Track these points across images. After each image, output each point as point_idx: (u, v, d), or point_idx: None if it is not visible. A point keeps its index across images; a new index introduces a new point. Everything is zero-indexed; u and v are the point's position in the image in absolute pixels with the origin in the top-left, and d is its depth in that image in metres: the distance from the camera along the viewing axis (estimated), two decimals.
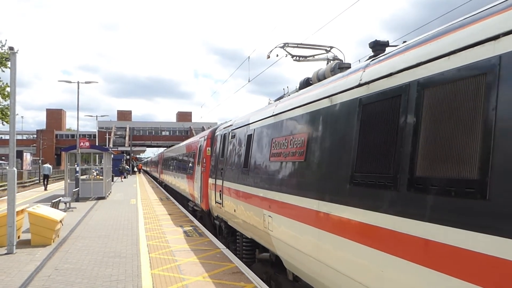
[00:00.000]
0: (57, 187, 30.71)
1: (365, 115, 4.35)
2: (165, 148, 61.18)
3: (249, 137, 8.59)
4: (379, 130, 4.09)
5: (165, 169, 31.08)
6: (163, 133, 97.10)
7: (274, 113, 7.35)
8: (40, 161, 57.62)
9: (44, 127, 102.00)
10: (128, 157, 70.90)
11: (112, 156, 32.62)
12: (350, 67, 6.14)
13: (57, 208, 13.07)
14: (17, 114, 9.68)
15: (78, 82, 25.89)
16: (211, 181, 12.12)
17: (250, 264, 8.77)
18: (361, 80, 4.57)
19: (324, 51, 8.32)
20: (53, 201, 13.87)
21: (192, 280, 6.96)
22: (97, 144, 53.23)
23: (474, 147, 2.88)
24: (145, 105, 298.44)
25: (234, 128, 10.20)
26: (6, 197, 10.21)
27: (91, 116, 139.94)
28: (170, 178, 26.07)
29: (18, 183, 10.32)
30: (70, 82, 27.13)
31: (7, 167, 9.54)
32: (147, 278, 7.06)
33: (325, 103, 5.34)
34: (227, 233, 10.88)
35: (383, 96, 4.07)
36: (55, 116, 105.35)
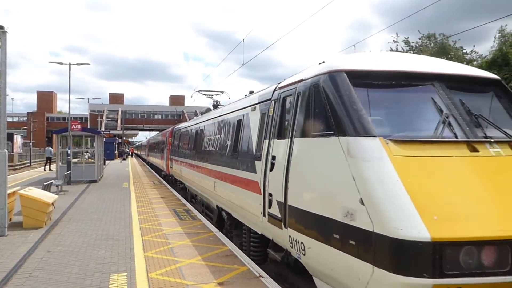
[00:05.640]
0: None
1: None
2: (157, 132, 61.05)
3: (180, 135, 18.77)
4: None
5: (150, 151, 43.35)
6: (156, 116, 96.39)
7: (185, 126, 17.56)
8: (31, 144, 57.37)
9: (33, 109, 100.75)
10: (120, 140, 70.57)
11: (104, 140, 32.45)
12: (208, 111, 15.17)
13: (49, 191, 13.02)
14: (8, 95, 9.53)
15: (69, 64, 25.45)
16: (170, 157, 21.66)
17: (179, 191, 18.41)
18: (196, 123, 14.74)
19: (220, 93, 16.94)
20: (45, 183, 13.81)
21: (186, 262, 7.02)
22: (88, 127, 52.89)
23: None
24: (136, 88, 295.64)
25: (177, 129, 20.46)
26: None
27: (83, 98, 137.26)
28: (153, 158, 37.55)
29: (8, 166, 10.23)
30: (61, 63, 26.39)
31: None
32: (140, 260, 7.10)
33: (189, 128, 16.07)
34: (174, 182, 20.88)
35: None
36: (45, 98, 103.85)
